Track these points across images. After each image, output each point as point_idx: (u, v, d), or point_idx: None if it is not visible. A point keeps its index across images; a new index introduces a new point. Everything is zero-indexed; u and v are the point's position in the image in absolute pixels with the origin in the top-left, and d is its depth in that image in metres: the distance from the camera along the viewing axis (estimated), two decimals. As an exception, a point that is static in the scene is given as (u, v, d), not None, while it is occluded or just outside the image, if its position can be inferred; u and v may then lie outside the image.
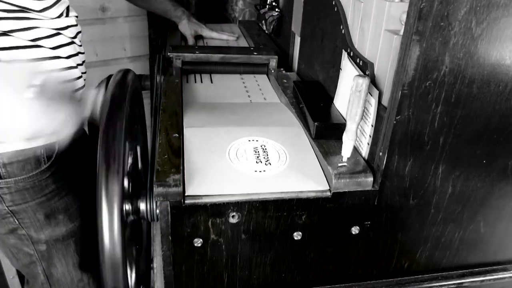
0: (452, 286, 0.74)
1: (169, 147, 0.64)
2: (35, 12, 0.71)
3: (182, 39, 1.26)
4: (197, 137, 0.69)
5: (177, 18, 1.25)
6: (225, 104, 0.85)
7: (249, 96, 0.90)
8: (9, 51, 0.70)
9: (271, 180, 0.62)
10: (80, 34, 0.84)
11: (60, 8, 0.76)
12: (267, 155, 0.67)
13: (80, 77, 0.82)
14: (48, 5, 0.72)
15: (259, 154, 0.67)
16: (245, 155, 0.67)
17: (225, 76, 1.01)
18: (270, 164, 0.65)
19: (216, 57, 0.98)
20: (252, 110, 0.82)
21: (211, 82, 0.96)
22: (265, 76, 1.02)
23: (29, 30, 0.71)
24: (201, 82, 0.96)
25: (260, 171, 0.63)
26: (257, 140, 0.70)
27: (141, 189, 0.65)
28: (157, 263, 0.81)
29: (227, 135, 0.71)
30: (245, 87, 0.95)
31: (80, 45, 0.84)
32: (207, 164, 0.63)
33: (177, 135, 0.67)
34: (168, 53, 0.96)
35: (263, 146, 0.69)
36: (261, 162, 0.65)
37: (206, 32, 1.26)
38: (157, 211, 0.60)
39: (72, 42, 0.80)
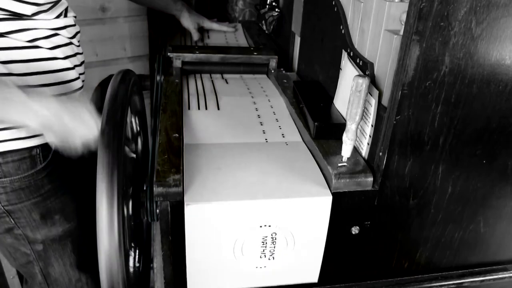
0: (452, 286, 0.74)
1: (169, 147, 0.64)
2: (27, 16, 0.71)
3: (182, 35, 1.26)
4: (201, 222, 0.57)
5: (177, 11, 1.25)
6: (236, 148, 0.69)
7: (264, 131, 0.74)
8: (5, 51, 0.70)
9: (269, 276, 0.63)
10: (78, 35, 0.83)
11: (57, 11, 0.76)
12: (274, 247, 0.61)
13: (78, 78, 0.82)
14: (42, 9, 0.72)
15: (266, 246, 0.61)
16: (251, 247, 0.60)
17: (234, 97, 0.86)
18: (273, 258, 0.62)
19: (216, 57, 0.98)
20: (269, 160, 0.66)
21: (218, 109, 0.81)
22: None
23: (26, 31, 0.71)
24: (206, 108, 0.80)
25: (260, 267, 0.62)
26: (269, 226, 0.59)
27: (141, 189, 0.65)
28: (157, 263, 0.81)
29: (239, 217, 0.58)
30: (258, 116, 0.79)
31: (79, 46, 0.84)
32: (210, 263, 0.61)
33: (177, 135, 0.67)
34: (168, 53, 0.96)
35: (273, 235, 0.60)
36: (265, 257, 0.61)
37: (207, 23, 1.29)
38: (157, 211, 0.60)
39: (70, 43, 0.79)
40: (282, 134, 0.74)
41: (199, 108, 0.80)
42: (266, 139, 0.72)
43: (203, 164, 0.63)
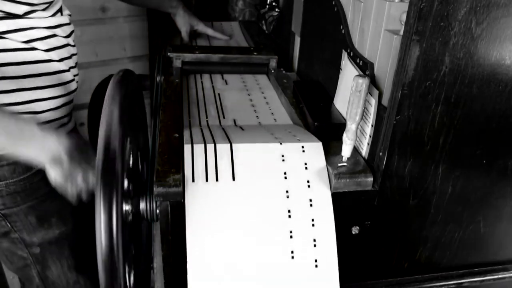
0: (452, 286, 0.74)
1: (169, 147, 0.64)
2: (20, 16, 0.70)
3: (178, 33, 1.25)
4: None
5: (173, 8, 1.20)
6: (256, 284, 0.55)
7: (291, 234, 0.57)
8: (2, 53, 0.70)
9: None
10: (73, 34, 0.83)
11: (52, 9, 0.76)
12: None
13: (73, 80, 0.81)
14: (37, 8, 0.72)
15: None
16: None
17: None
18: None
19: (216, 57, 0.98)
20: None
21: (233, 179, 0.59)
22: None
23: (22, 31, 0.71)
24: (216, 179, 0.59)
25: None
26: None
27: (141, 189, 0.65)
28: (157, 263, 0.81)
29: None
30: (287, 194, 0.59)
31: (74, 45, 0.83)
32: None
33: (177, 135, 0.67)
34: (168, 53, 0.96)
35: None
36: None
37: (201, 27, 1.23)
38: (157, 211, 0.60)
39: (67, 44, 0.79)
40: (314, 244, 0.57)
41: (207, 180, 0.60)
42: (292, 255, 0.56)
43: None
